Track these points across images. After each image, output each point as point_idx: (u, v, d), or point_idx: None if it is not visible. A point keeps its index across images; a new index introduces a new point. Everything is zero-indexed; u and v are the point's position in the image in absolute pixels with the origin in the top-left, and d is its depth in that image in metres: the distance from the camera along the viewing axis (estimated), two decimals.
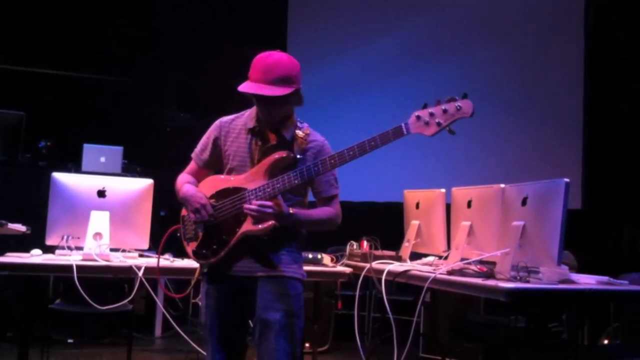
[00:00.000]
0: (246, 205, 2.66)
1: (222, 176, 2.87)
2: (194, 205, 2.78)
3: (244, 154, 2.83)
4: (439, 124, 2.53)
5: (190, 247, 2.86)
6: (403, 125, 2.57)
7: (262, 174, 2.73)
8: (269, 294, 2.72)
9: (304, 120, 2.87)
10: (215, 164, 2.94)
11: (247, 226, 2.71)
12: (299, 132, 2.80)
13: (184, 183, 2.91)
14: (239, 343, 2.85)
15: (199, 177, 2.96)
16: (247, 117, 2.89)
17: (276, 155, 2.73)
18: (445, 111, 2.53)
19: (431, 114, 2.54)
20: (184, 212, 2.91)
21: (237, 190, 2.76)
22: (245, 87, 2.68)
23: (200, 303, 2.92)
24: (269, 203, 2.64)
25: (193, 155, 2.99)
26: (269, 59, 2.69)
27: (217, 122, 2.94)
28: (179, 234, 2.94)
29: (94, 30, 7.33)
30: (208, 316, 2.82)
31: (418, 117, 2.56)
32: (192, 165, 3.00)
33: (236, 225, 2.74)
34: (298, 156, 2.75)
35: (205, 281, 2.86)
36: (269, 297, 2.72)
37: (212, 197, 2.82)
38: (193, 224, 2.84)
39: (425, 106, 2.57)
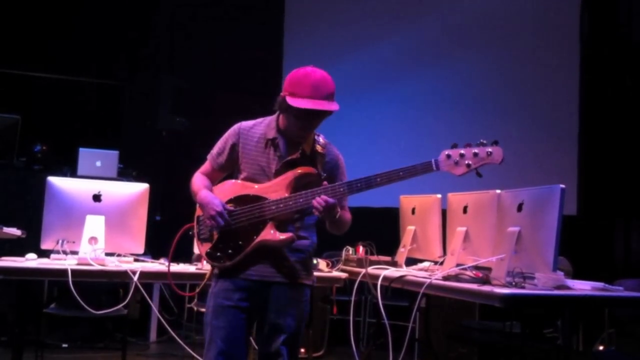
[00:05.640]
0: (318, 199, 2.64)
1: (239, 182, 2.86)
2: (210, 212, 2.78)
3: (261, 164, 2.82)
4: (468, 165, 2.62)
5: (204, 248, 2.85)
6: (433, 161, 2.65)
7: (284, 187, 2.74)
8: (283, 300, 2.76)
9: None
10: (230, 168, 2.95)
11: (266, 235, 2.73)
12: (318, 147, 2.83)
13: (201, 188, 2.90)
14: (242, 344, 2.82)
15: (212, 178, 2.97)
16: (266, 125, 2.87)
17: (301, 170, 2.74)
18: (476, 154, 2.60)
19: (461, 155, 2.62)
20: (199, 211, 2.89)
21: (257, 198, 2.77)
22: (305, 104, 2.66)
23: (206, 304, 2.87)
24: (332, 200, 2.65)
25: (209, 156, 2.98)
26: (316, 75, 2.70)
27: (236, 127, 2.91)
28: (191, 233, 2.93)
29: (90, 34, 7.32)
30: (214, 316, 2.79)
31: (448, 156, 2.63)
32: (206, 166, 2.99)
33: (254, 232, 2.75)
34: (323, 175, 2.77)
35: (215, 282, 2.85)
36: (283, 303, 2.76)
37: (229, 201, 2.81)
38: (209, 226, 2.83)
39: (454, 146, 2.64)
